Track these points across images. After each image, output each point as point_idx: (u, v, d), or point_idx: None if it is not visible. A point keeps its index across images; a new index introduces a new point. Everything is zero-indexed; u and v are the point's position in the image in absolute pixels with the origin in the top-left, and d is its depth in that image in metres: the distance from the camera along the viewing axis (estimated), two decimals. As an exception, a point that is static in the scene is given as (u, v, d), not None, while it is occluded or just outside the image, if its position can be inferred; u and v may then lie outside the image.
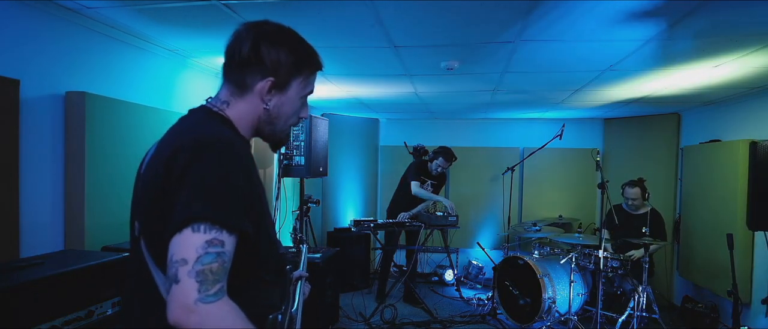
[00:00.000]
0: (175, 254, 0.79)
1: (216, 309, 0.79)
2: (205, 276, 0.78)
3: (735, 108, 3.98)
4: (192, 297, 0.77)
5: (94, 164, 2.16)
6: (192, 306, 0.76)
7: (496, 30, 2.26)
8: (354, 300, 4.55)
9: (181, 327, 0.77)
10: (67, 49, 2.12)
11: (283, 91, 1.04)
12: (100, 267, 1.78)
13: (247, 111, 1.03)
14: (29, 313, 1.49)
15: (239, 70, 1.00)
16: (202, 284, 0.78)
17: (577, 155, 5.59)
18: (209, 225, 0.81)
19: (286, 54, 1.01)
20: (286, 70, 1.02)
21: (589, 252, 3.78)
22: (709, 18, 2.01)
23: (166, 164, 0.87)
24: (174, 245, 0.80)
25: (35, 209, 1.98)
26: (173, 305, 0.77)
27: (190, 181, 0.84)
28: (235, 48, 0.99)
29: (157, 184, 0.88)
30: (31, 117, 1.95)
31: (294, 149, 3.65)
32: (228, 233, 0.83)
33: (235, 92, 1.02)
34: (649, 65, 2.86)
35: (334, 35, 2.41)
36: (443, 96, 4.21)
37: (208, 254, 0.79)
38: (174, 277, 0.78)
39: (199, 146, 0.87)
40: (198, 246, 0.79)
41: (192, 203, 0.82)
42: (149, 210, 0.92)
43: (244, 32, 0.99)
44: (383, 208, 5.51)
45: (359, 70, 3.22)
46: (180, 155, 0.86)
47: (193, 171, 0.84)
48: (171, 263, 0.79)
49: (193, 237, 0.80)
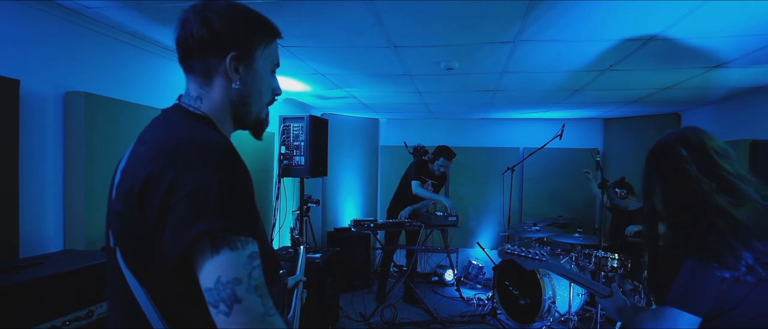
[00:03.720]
0: (223, 275, 0.77)
1: (279, 322, 0.81)
2: (261, 291, 0.80)
3: (735, 108, 3.98)
4: (260, 311, 0.78)
5: (94, 164, 2.16)
6: (263, 319, 0.78)
7: (495, 30, 2.26)
8: (354, 300, 4.55)
9: None
10: (67, 49, 2.13)
11: (249, 64, 0.97)
12: (100, 267, 1.78)
13: (220, 99, 0.96)
14: (29, 313, 1.49)
15: (200, 55, 0.93)
16: (263, 298, 0.79)
17: (577, 155, 5.59)
18: (242, 239, 0.80)
19: (239, 24, 0.94)
20: (245, 41, 0.95)
21: (589, 252, 3.78)
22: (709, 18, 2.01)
23: (145, 179, 0.81)
24: (214, 267, 0.77)
25: (35, 209, 1.98)
26: (241, 320, 0.76)
27: (190, 192, 0.78)
28: (187, 33, 0.92)
29: (132, 199, 0.83)
30: (31, 117, 1.95)
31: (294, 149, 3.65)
32: (254, 240, 0.82)
33: (202, 82, 0.96)
34: (649, 65, 2.86)
35: (333, 35, 2.41)
36: (443, 96, 4.21)
37: (255, 268, 0.80)
38: (231, 297, 0.76)
39: (181, 153, 0.83)
40: (244, 263, 0.79)
41: (207, 216, 0.77)
42: (125, 224, 0.86)
43: (191, 15, 0.93)
44: (383, 208, 5.51)
45: (359, 70, 3.22)
46: (159, 166, 0.81)
47: (188, 180, 0.79)
48: (220, 285, 0.77)
49: (233, 256, 0.78)
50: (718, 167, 1.24)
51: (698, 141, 1.28)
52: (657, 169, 1.35)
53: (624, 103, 4.36)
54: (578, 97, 4.05)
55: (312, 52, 2.75)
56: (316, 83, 3.73)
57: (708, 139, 1.29)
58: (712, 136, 1.31)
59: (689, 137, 1.29)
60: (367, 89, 3.93)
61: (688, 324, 1.17)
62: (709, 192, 1.21)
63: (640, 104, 4.36)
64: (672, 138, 1.33)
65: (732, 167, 1.24)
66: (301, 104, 4.87)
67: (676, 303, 1.18)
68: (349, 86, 3.84)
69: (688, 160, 1.25)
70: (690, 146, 1.27)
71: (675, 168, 1.27)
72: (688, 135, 1.30)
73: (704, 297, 1.16)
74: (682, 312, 1.17)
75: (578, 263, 3.78)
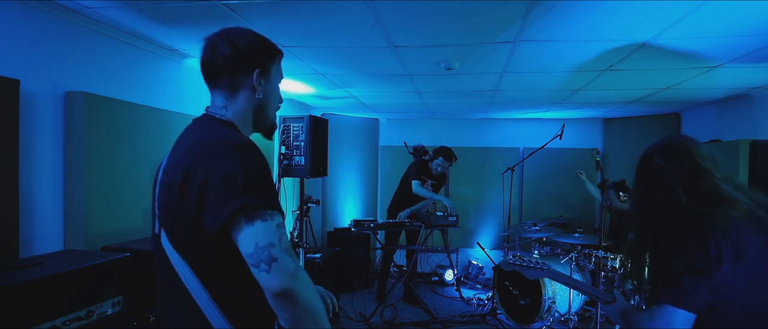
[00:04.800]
0: (260, 241, 0.96)
1: (306, 275, 1.01)
2: (291, 252, 0.99)
3: (735, 108, 3.98)
4: (292, 267, 0.97)
5: (94, 164, 2.17)
6: (295, 274, 0.97)
7: (495, 30, 2.26)
8: (354, 300, 4.55)
9: (288, 291, 0.96)
10: (67, 49, 2.13)
11: (268, 78, 1.19)
12: (100, 267, 1.78)
13: (243, 108, 1.17)
14: (29, 313, 1.49)
15: (229, 72, 1.13)
16: (292, 257, 0.99)
17: (577, 155, 5.59)
18: (269, 212, 0.99)
19: (259, 46, 1.17)
20: (264, 59, 1.17)
21: (589, 252, 3.78)
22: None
23: (185, 173, 1.01)
24: (251, 236, 0.97)
25: (35, 210, 1.98)
26: (280, 276, 0.96)
27: (221, 181, 0.97)
28: (216, 55, 1.12)
29: (175, 190, 1.03)
30: (31, 117, 1.95)
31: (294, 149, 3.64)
32: (278, 213, 1.01)
33: (228, 94, 1.16)
34: (649, 65, 2.86)
35: (333, 35, 2.41)
36: (443, 96, 4.21)
37: (283, 234, 1.00)
38: (269, 258, 0.96)
39: (212, 150, 1.03)
40: (274, 230, 0.98)
41: (238, 197, 0.96)
42: (169, 211, 1.06)
43: (218, 40, 1.13)
44: (383, 208, 5.51)
45: (359, 70, 3.22)
46: (195, 162, 1.01)
47: (219, 171, 0.98)
48: (259, 249, 0.96)
49: (265, 225, 0.98)
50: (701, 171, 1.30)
51: (682, 148, 1.35)
52: (639, 176, 1.43)
53: (624, 103, 4.36)
54: (578, 97, 4.05)
55: (312, 52, 2.75)
56: (316, 83, 3.73)
57: (693, 145, 1.36)
58: (696, 142, 1.37)
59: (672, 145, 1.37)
60: (367, 88, 3.93)
61: (683, 321, 1.20)
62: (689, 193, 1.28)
63: (640, 104, 4.36)
64: (652, 149, 1.41)
65: (717, 170, 1.31)
66: (301, 104, 4.87)
67: (670, 300, 1.22)
68: (349, 86, 3.84)
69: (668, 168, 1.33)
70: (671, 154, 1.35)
71: (655, 175, 1.35)
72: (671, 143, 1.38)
73: (696, 293, 1.19)
74: (676, 310, 1.21)
75: (578, 263, 3.77)
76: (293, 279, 0.97)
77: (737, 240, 1.18)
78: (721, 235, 1.18)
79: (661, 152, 1.37)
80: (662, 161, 1.34)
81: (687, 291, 1.19)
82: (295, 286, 0.97)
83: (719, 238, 1.18)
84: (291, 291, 0.96)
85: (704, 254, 1.18)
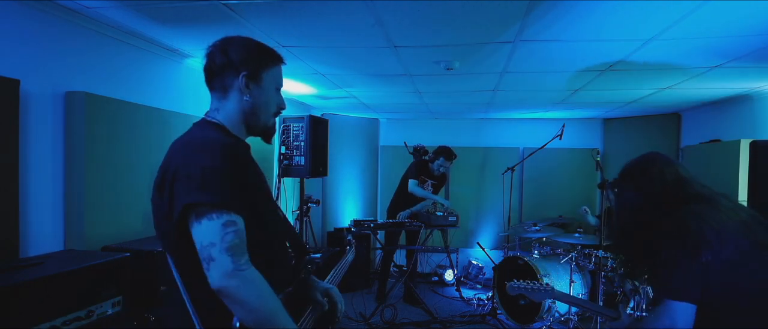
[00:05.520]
0: (203, 240, 1.01)
1: (250, 275, 1.02)
2: (233, 251, 1.01)
3: (735, 108, 3.98)
4: (229, 267, 0.99)
5: (94, 164, 2.17)
6: (233, 274, 0.99)
7: (495, 30, 2.26)
8: (354, 300, 4.55)
9: (224, 291, 0.99)
10: (67, 49, 2.12)
11: (258, 82, 1.24)
12: (100, 267, 1.78)
13: (234, 109, 1.23)
14: (29, 313, 1.49)
15: (219, 77, 1.21)
16: (234, 256, 1.00)
17: (577, 155, 5.58)
18: (217, 211, 1.02)
19: (250, 51, 1.23)
20: (254, 64, 1.22)
21: (589, 252, 3.78)
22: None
23: (163, 170, 1.09)
24: (198, 234, 1.02)
25: (35, 209, 1.98)
26: (216, 275, 0.99)
27: (183, 176, 1.03)
28: (211, 62, 1.21)
29: (156, 189, 1.11)
30: (31, 117, 1.95)
31: (294, 149, 3.65)
32: (231, 213, 1.03)
33: (220, 97, 1.23)
34: (649, 65, 2.86)
35: (333, 35, 2.41)
36: (443, 96, 4.21)
37: (228, 234, 1.01)
38: (208, 257, 1.00)
39: (186, 148, 1.10)
40: (218, 230, 1.00)
41: (191, 193, 1.01)
42: (155, 209, 1.14)
43: (214, 49, 1.21)
44: (383, 208, 5.51)
45: (359, 70, 3.22)
46: (172, 160, 1.09)
47: (184, 168, 1.04)
48: (202, 247, 1.01)
49: (210, 224, 1.01)
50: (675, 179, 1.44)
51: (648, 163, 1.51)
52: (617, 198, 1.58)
53: (624, 103, 4.36)
54: (578, 97, 4.05)
55: (312, 52, 2.75)
56: (316, 83, 3.73)
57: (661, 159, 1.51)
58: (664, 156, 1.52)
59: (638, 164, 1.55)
60: (367, 88, 3.93)
61: (683, 312, 1.24)
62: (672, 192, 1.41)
63: (640, 104, 4.36)
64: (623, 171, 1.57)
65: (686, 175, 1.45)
66: (301, 104, 4.87)
67: (667, 294, 1.27)
68: (349, 86, 3.84)
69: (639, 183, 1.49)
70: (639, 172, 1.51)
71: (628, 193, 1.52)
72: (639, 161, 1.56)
73: (688, 281, 1.24)
74: (674, 303, 1.25)
75: (578, 263, 3.77)
76: (230, 278, 0.99)
77: (716, 228, 1.25)
78: (701, 226, 1.26)
79: (629, 173, 1.54)
80: (631, 182, 1.50)
81: (679, 281, 1.25)
82: (230, 286, 0.99)
83: (695, 227, 1.26)
84: (226, 291, 0.99)
85: (684, 243, 1.27)
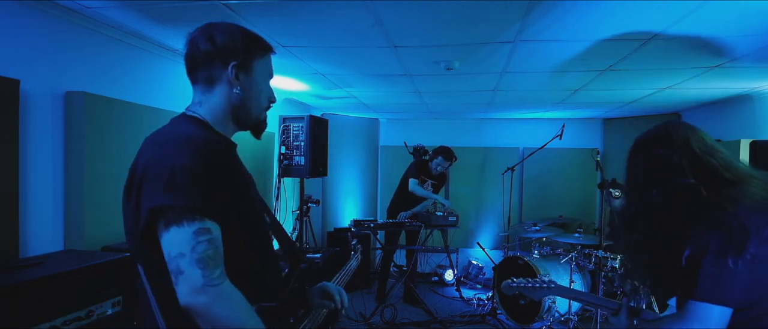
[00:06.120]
0: (171, 250, 0.89)
1: (224, 290, 0.90)
2: (205, 263, 0.88)
3: (735, 108, 3.98)
4: (199, 282, 0.87)
5: (94, 164, 2.16)
6: (203, 289, 0.87)
7: (495, 30, 2.26)
8: (354, 300, 4.55)
9: (192, 308, 0.87)
10: (67, 49, 2.12)
11: (248, 73, 1.11)
12: (100, 267, 1.78)
13: (220, 103, 1.10)
14: (29, 313, 1.49)
15: (205, 67, 1.08)
16: (205, 269, 0.88)
17: (577, 155, 5.59)
18: (189, 216, 0.89)
19: (239, 39, 1.09)
20: (244, 53, 1.10)
21: (589, 252, 3.78)
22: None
23: (132, 171, 0.99)
24: (166, 243, 0.90)
25: (35, 209, 1.98)
26: (184, 290, 0.87)
27: (151, 177, 0.91)
28: (194, 49, 1.08)
29: (126, 190, 1.00)
30: (31, 117, 1.95)
31: (294, 149, 3.65)
32: (204, 219, 0.91)
33: (204, 90, 1.10)
34: (649, 65, 2.86)
35: (333, 35, 2.41)
36: (443, 96, 4.21)
37: (200, 243, 0.89)
38: (176, 269, 0.88)
39: (158, 146, 0.98)
40: (188, 239, 0.88)
41: (158, 195, 0.89)
42: (123, 212, 1.03)
43: (197, 35, 1.08)
44: (383, 208, 5.51)
45: (359, 70, 3.22)
46: (140, 159, 0.97)
47: (153, 167, 0.92)
48: (170, 259, 0.89)
49: (179, 232, 0.89)
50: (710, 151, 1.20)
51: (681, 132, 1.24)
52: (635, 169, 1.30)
53: (624, 103, 4.36)
54: (578, 97, 4.05)
55: (312, 52, 2.75)
56: (316, 83, 3.73)
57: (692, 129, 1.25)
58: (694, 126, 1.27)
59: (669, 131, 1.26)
60: (367, 88, 3.93)
61: (719, 317, 1.09)
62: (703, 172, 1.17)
63: (640, 104, 4.36)
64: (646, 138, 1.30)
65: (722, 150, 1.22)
66: (301, 104, 4.86)
67: (703, 297, 1.09)
68: (349, 86, 3.84)
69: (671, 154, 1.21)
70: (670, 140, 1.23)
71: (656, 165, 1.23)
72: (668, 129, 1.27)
73: (729, 284, 1.07)
74: (710, 306, 1.09)
75: (578, 263, 3.78)
76: (199, 294, 0.86)
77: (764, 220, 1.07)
78: (745, 216, 1.07)
79: (658, 140, 1.25)
80: (662, 150, 1.22)
81: (720, 283, 1.07)
82: (199, 303, 0.87)
83: (744, 220, 1.06)
84: (194, 309, 0.87)
85: (731, 240, 1.06)
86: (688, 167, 1.18)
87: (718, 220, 1.09)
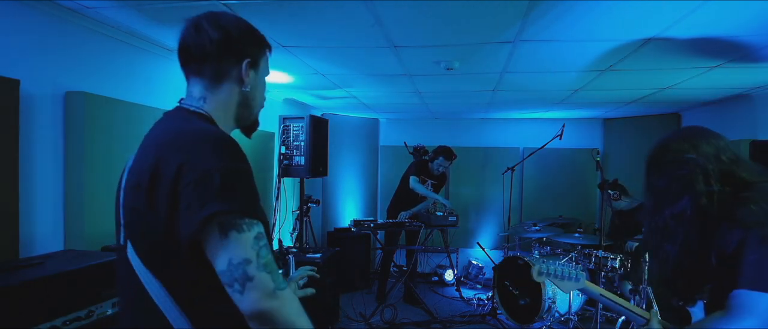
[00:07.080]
0: (234, 257, 0.84)
1: (288, 293, 0.88)
2: (270, 267, 0.87)
3: (735, 108, 3.98)
4: (270, 287, 0.85)
5: (94, 164, 2.16)
6: (274, 293, 0.85)
7: (495, 30, 2.26)
8: (354, 300, 4.55)
9: (265, 314, 0.84)
10: (66, 49, 2.12)
11: (257, 71, 1.07)
12: (100, 267, 1.78)
13: (225, 100, 1.04)
14: (29, 313, 1.49)
15: (214, 60, 1.00)
16: (272, 274, 0.86)
17: (577, 155, 5.59)
18: (247, 221, 0.86)
19: (251, 35, 1.04)
20: (255, 50, 1.05)
21: (588, 252, 3.78)
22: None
23: (153, 171, 0.87)
24: (226, 250, 0.84)
25: (35, 209, 1.98)
26: (255, 297, 0.83)
27: (190, 181, 0.84)
28: (203, 39, 0.99)
29: (142, 193, 0.88)
30: (31, 117, 1.95)
31: (294, 149, 3.65)
32: (258, 222, 0.88)
33: (209, 85, 1.02)
34: (649, 65, 2.86)
35: (333, 35, 2.41)
36: (443, 96, 4.21)
37: (262, 248, 0.87)
38: (243, 277, 0.83)
39: (186, 144, 0.88)
40: (251, 244, 0.85)
41: (213, 201, 0.83)
42: (136, 219, 0.92)
43: (203, 23, 1.00)
44: (383, 208, 5.51)
45: (359, 70, 3.22)
46: (171, 157, 0.86)
47: (194, 168, 0.84)
48: (232, 266, 0.83)
49: (240, 238, 0.84)
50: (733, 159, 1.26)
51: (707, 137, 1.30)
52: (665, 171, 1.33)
53: (624, 103, 4.36)
54: (578, 97, 4.05)
55: (312, 52, 2.75)
56: (316, 83, 3.73)
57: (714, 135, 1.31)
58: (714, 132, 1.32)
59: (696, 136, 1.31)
60: (367, 88, 3.93)
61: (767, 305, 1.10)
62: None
63: (640, 104, 4.36)
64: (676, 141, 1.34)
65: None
66: (301, 104, 4.87)
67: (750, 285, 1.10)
68: (349, 86, 3.84)
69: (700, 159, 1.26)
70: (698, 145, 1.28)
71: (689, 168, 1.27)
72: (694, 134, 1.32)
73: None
74: (759, 294, 1.09)
75: (578, 263, 3.78)
76: (271, 299, 0.85)
77: None
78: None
79: (690, 143, 1.28)
80: (694, 154, 1.25)
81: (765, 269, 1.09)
82: (272, 307, 0.84)
83: None
84: (268, 314, 0.84)
85: None
86: (717, 174, 1.23)
87: (752, 217, 1.14)
